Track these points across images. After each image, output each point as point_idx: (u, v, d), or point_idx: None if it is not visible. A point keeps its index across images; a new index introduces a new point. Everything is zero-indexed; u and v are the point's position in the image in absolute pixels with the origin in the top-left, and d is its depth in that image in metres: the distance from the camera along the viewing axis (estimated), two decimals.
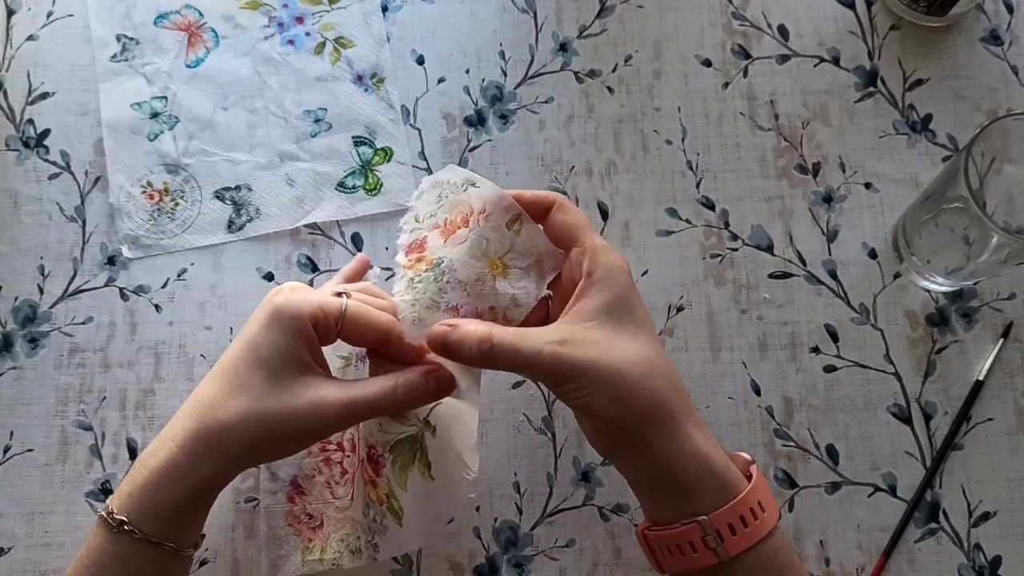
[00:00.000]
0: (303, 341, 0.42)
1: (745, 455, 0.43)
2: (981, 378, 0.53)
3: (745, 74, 0.59)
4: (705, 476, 0.40)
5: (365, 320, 0.43)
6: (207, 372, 0.53)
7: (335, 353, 0.50)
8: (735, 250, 0.56)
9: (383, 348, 0.45)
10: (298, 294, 0.43)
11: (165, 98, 0.58)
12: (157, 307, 0.55)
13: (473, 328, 0.40)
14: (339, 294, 0.44)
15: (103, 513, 0.42)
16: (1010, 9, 0.60)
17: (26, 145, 0.57)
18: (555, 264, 0.46)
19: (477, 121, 0.58)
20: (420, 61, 0.59)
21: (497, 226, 0.45)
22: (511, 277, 0.45)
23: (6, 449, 0.52)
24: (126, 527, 0.41)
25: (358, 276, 0.52)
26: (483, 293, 0.45)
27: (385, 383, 0.43)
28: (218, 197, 0.57)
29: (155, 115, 0.58)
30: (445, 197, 0.46)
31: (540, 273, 0.46)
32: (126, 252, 0.56)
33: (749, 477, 0.41)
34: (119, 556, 0.42)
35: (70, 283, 0.55)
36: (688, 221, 0.57)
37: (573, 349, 0.40)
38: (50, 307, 0.55)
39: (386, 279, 0.55)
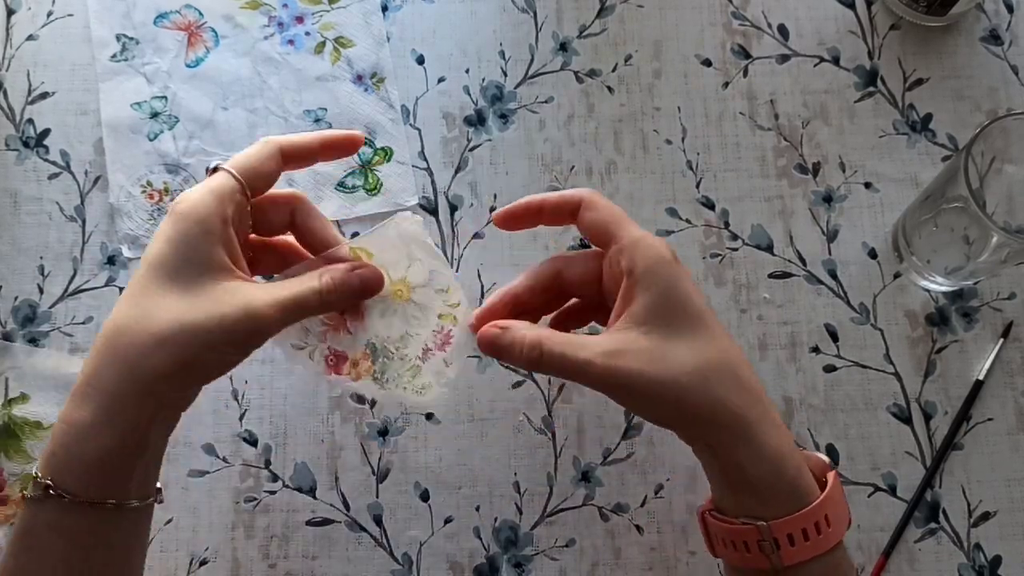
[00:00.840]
0: (214, 241, 0.39)
1: (823, 458, 0.41)
2: (981, 378, 0.53)
3: (745, 74, 0.59)
4: (775, 481, 0.38)
5: (257, 166, 0.41)
6: None
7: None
8: (735, 250, 0.56)
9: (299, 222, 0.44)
10: (193, 193, 0.40)
11: (165, 98, 0.58)
12: None
13: (523, 333, 0.40)
14: (215, 169, 0.41)
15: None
16: (1010, 9, 0.60)
17: (26, 145, 0.57)
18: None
19: (477, 121, 0.58)
20: (420, 61, 0.59)
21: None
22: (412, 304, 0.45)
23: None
24: (52, 491, 0.36)
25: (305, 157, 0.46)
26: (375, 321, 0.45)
27: (312, 280, 0.41)
28: None
29: (155, 115, 0.58)
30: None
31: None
32: (126, 252, 0.56)
33: (824, 484, 0.40)
34: (52, 525, 0.37)
35: (70, 283, 0.55)
36: (688, 221, 0.57)
37: (624, 361, 0.38)
38: (50, 307, 0.55)
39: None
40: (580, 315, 0.47)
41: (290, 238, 0.45)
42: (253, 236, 0.45)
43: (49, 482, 0.36)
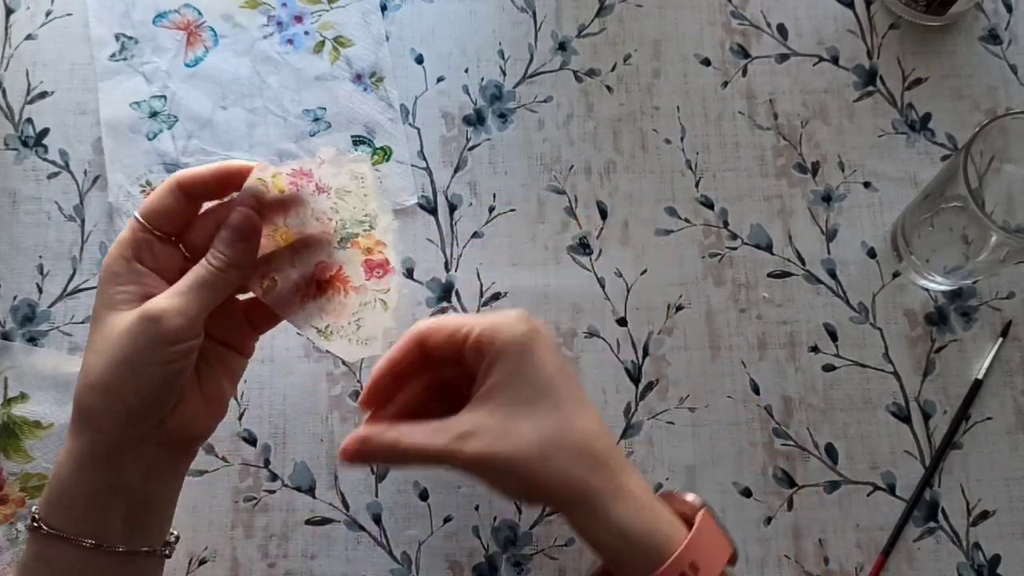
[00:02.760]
0: (120, 282, 0.40)
1: (693, 500, 0.42)
2: (980, 377, 0.53)
3: (744, 73, 0.59)
4: (624, 546, 0.39)
5: (157, 204, 0.41)
6: None
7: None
8: (734, 249, 0.56)
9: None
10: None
11: (164, 97, 0.58)
12: None
13: (380, 439, 0.41)
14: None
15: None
16: (1009, 8, 0.60)
17: (25, 144, 0.57)
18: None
19: (476, 120, 0.58)
20: (419, 60, 0.59)
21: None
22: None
23: None
24: (35, 523, 0.39)
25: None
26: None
27: (200, 264, 0.41)
28: None
29: (154, 114, 0.58)
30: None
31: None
32: None
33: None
34: (36, 556, 0.39)
35: (69, 282, 0.55)
36: (687, 220, 0.57)
37: (470, 444, 0.39)
38: (49, 306, 0.55)
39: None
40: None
41: None
42: (243, 297, 0.45)
43: (34, 512, 0.39)
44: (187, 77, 0.58)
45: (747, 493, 0.52)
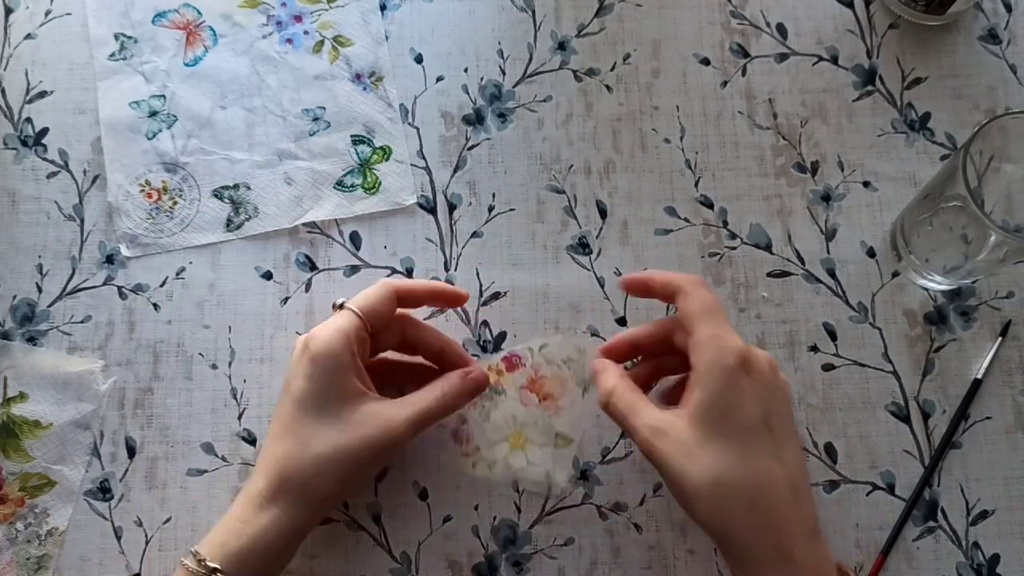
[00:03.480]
0: (348, 373, 0.46)
1: (843, 568, 0.43)
2: (979, 376, 0.53)
3: (744, 73, 0.59)
4: None
5: (378, 308, 0.48)
6: (206, 371, 0.53)
7: None
8: (733, 249, 0.56)
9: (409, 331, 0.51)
10: (323, 332, 0.46)
11: (163, 97, 0.58)
12: (155, 306, 0.55)
13: (607, 377, 0.45)
14: (340, 306, 0.48)
15: (188, 563, 0.43)
16: (1008, 8, 0.60)
17: (24, 144, 0.57)
18: (545, 490, 0.52)
19: (475, 120, 0.58)
20: (419, 60, 0.59)
21: (552, 427, 0.52)
22: (512, 453, 0.52)
23: None
24: (219, 574, 0.43)
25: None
26: (486, 436, 0.52)
27: (433, 391, 0.47)
28: (216, 196, 0.57)
29: (153, 114, 0.58)
30: (564, 366, 0.52)
31: (532, 476, 0.52)
32: (124, 251, 0.55)
33: None
34: None
35: (68, 282, 0.55)
36: (687, 220, 0.57)
37: (662, 443, 0.41)
38: (48, 306, 0.55)
39: (384, 277, 0.55)
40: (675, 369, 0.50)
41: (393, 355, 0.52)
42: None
43: (218, 567, 0.43)
44: (186, 76, 0.58)
45: None
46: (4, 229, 0.56)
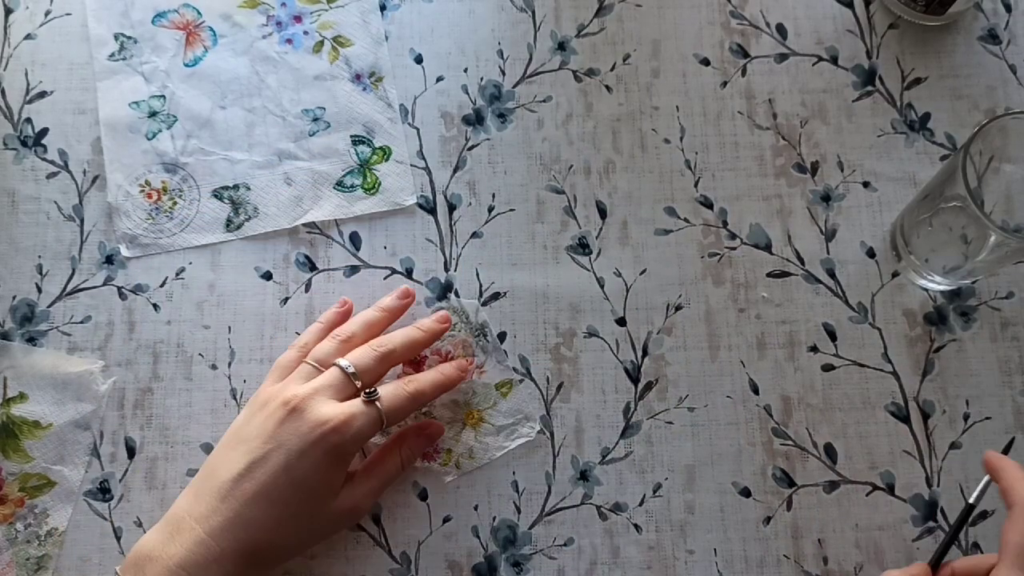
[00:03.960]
0: (347, 466, 0.48)
1: None
2: (972, 502, 0.47)
3: (743, 73, 0.59)
4: None
5: (401, 416, 0.49)
6: (205, 371, 0.53)
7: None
8: (733, 249, 0.56)
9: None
10: (347, 428, 0.46)
11: (163, 97, 0.58)
12: (155, 306, 0.55)
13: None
14: (370, 398, 0.47)
15: None
16: (1008, 8, 0.60)
17: (24, 144, 0.57)
18: (530, 430, 0.53)
19: (475, 120, 0.58)
20: (418, 60, 0.59)
21: (488, 384, 0.53)
22: (480, 431, 0.53)
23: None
24: None
25: (385, 322, 0.53)
26: (447, 437, 0.52)
27: (394, 460, 0.50)
28: (216, 196, 0.57)
29: (153, 114, 0.58)
30: (457, 330, 0.54)
31: (508, 435, 0.52)
32: (124, 251, 0.55)
33: None
34: None
35: (68, 282, 0.55)
36: (686, 220, 0.57)
37: None
38: (48, 306, 0.55)
39: (384, 278, 0.55)
40: None
41: None
42: None
43: None
44: (186, 77, 0.58)
45: (746, 493, 0.52)
46: (4, 229, 0.56)
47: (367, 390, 0.47)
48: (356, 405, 0.47)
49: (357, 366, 0.48)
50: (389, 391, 0.48)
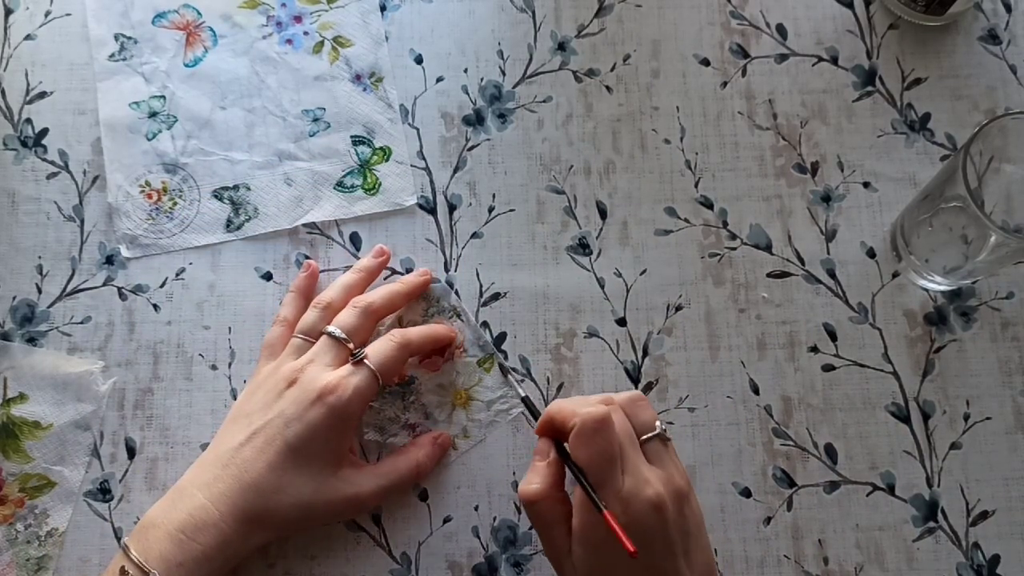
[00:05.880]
0: (348, 435, 0.48)
1: None
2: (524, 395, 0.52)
3: (744, 73, 0.59)
4: None
5: (394, 367, 0.49)
6: (205, 372, 0.53)
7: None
8: (733, 249, 0.56)
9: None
10: (343, 388, 0.47)
11: (163, 97, 0.58)
12: (155, 307, 0.55)
13: (535, 483, 0.44)
14: (357, 359, 0.48)
15: (128, 569, 0.44)
16: (1008, 8, 0.60)
17: (24, 144, 0.57)
18: (516, 396, 0.53)
19: (475, 120, 0.58)
20: (418, 60, 0.59)
21: (470, 363, 0.53)
22: (470, 409, 0.53)
23: None
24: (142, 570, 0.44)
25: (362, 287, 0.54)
26: (439, 420, 0.53)
27: (408, 462, 0.50)
28: (216, 196, 0.57)
29: (153, 114, 0.58)
30: (430, 315, 0.54)
31: (499, 407, 0.53)
32: (124, 251, 0.55)
33: None
34: None
35: (68, 282, 0.55)
36: (686, 220, 0.57)
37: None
38: (48, 306, 0.55)
39: (384, 278, 0.55)
40: None
41: None
42: None
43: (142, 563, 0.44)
44: (186, 77, 0.58)
45: (747, 493, 0.52)
46: (4, 230, 0.56)
47: (354, 352, 0.49)
48: (348, 368, 0.48)
49: (345, 328, 0.49)
50: (376, 346, 0.49)
